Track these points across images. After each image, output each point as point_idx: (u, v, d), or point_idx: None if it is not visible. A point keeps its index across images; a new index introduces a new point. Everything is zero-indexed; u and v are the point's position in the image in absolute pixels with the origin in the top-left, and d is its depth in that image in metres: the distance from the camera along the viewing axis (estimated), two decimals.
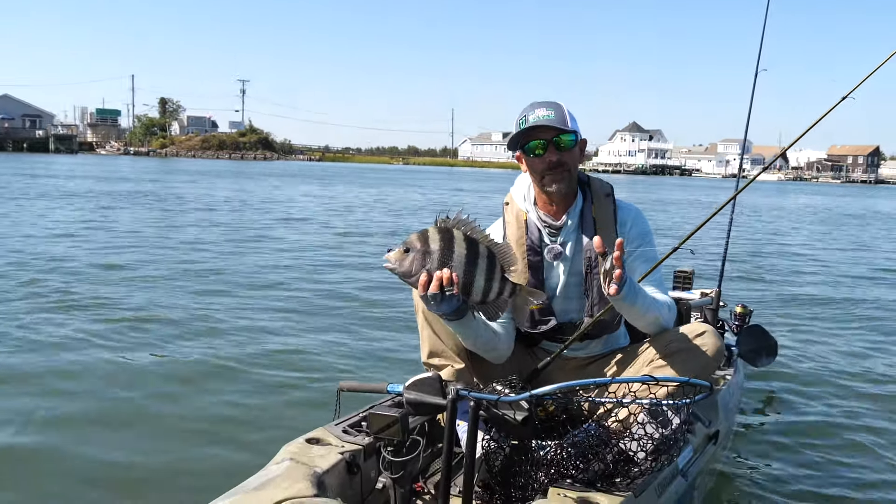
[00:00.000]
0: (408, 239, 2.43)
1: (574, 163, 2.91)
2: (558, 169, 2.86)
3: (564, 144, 2.85)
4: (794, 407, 4.91)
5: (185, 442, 4.14)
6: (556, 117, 2.81)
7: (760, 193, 48.62)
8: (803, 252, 14.76)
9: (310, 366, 5.60)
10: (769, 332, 4.48)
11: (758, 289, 9.76)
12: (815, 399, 5.08)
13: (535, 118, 2.83)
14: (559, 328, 3.01)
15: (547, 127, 2.81)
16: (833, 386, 5.38)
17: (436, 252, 2.41)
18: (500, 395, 2.33)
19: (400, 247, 2.43)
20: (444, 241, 2.41)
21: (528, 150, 2.88)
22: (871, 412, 4.83)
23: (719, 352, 2.78)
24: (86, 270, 9.45)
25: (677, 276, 5.13)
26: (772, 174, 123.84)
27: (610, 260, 2.46)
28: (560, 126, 2.82)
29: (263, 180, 41.25)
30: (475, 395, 2.37)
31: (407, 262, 2.41)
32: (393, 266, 2.43)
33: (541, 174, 2.89)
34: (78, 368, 5.33)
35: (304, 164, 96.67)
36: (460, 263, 2.42)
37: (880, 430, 4.52)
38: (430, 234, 2.42)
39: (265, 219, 18.40)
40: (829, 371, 5.76)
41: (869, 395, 5.20)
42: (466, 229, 2.46)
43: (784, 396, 5.14)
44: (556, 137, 2.83)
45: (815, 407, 4.92)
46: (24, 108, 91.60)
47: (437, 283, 2.39)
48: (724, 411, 3.49)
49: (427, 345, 2.95)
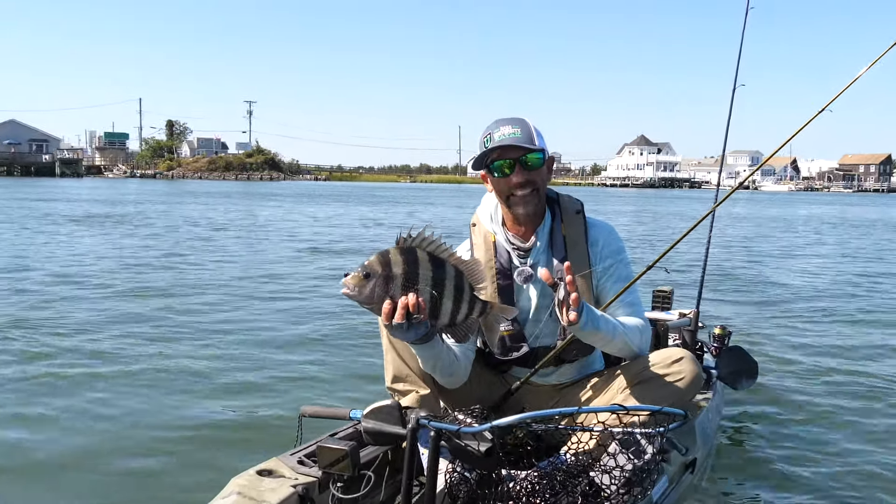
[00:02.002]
0: (367, 262, 2.21)
1: (542, 182, 2.81)
2: (526, 188, 2.75)
3: (532, 163, 2.74)
4: (776, 430, 4.74)
5: (129, 474, 3.93)
6: (522, 135, 2.70)
7: (763, 205, 48.32)
8: (790, 267, 14.45)
9: (273, 388, 5.41)
10: (749, 353, 4.35)
11: (745, 307, 9.51)
12: (798, 422, 4.91)
13: (500, 137, 2.71)
14: (531, 354, 2.89)
15: (513, 146, 2.71)
16: (816, 408, 5.21)
17: (399, 276, 2.20)
18: (461, 426, 2.19)
19: (359, 271, 2.20)
20: (408, 263, 2.21)
21: (494, 169, 2.77)
22: (856, 435, 4.67)
23: (696, 378, 2.66)
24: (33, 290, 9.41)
25: (656, 295, 4.99)
26: (782, 185, 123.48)
27: (563, 287, 2.35)
28: (527, 145, 2.71)
29: (254, 200, 41.41)
30: (436, 424, 2.25)
31: (367, 289, 2.19)
32: (352, 293, 2.19)
33: (507, 195, 2.79)
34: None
35: (310, 183, 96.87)
36: (426, 287, 2.23)
37: (866, 453, 4.36)
38: (392, 257, 2.21)
39: (232, 237, 18.43)
40: (812, 392, 5.59)
41: (854, 418, 5.02)
42: (431, 248, 2.27)
43: (765, 419, 4.98)
44: (522, 157, 2.72)
45: (798, 430, 4.76)
46: (31, 133, 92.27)
47: (402, 311, 2.20)
48: (702, 437, 3.35)
49: (391, 369, 2.84)
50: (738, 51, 4.53)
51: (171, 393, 5.27)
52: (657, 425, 2.29)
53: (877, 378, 5.98)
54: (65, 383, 5.46)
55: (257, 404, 5.07)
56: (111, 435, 4.49)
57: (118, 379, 5.57)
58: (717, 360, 4.31)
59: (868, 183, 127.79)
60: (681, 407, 2.66)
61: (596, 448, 2.41)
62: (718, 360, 4.32)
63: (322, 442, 2.33)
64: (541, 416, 2.18)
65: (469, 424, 2.21)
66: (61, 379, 5.55)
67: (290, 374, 5.83)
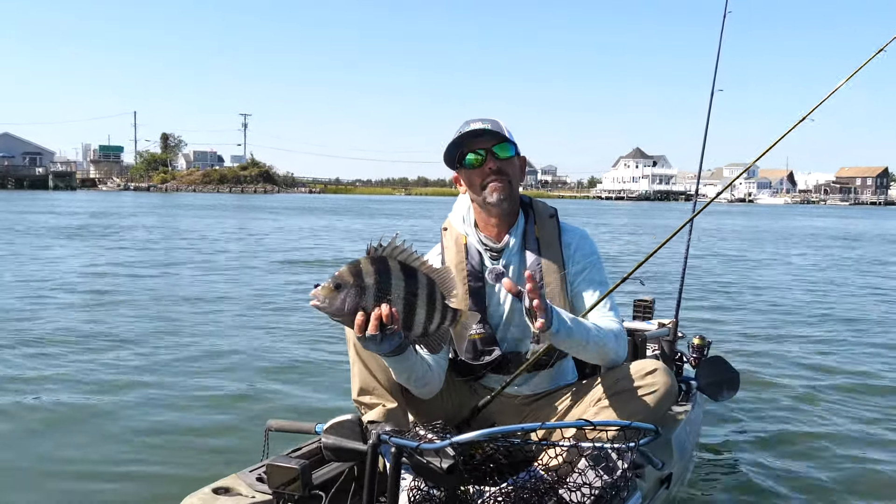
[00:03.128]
0: (338, 273, 2.13)
1: (514, 176, 2.77)
2: (499, 176, 2.71)
3: (504, 155, 2.72)
4: (757, 443, 4.66)
5: (80, 490, 3.82)
6: (493, 128, 2.70)
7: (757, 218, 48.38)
8: (774, 278, 14.43)
9: (241, 401, 5.31)
10: (730, 364, 4.26)
11: (727, 318, 9.45)
12: (780, 435, 4.83)
13: (471, 129, 2.70)
14: (504, 359, 2.82)
15: (485, 139, 2.69)
16: (799, 420, 5.13)
17: (371, 287, 2.13)
18: (421, 442, 2.09)
19: (329, 282, 2.12)
20: (380, 273, 2.14)
21: (467, 163, 2.75)
22: (841, 447, 4.60)
23: (670, 390, 2.58)
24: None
25: (637, 305, 4.89)
26: (778, 198, 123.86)
27: (526, 296, 2.27)
28: (498, 133, 2.70)
29: (242, 212, 41.46)
30: (396, 440, 2.16)
31: (338, 301, 2.11)
32: (322, 305, 2.11)
33: (481, 185, 2.74)
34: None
35: (304, 196, 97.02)
36: (399, 297, 2.17)
37: (850, 466, 4.29)
38: (364, 267, 2.14)
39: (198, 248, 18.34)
40: (796, 404, 5.51)
41: (838, 430, 4.95)
42: (402, 257, 2.21)
43: (746, 432, 4.89)
44: (495, 146, 2.70)
45: (780, 443, 4.68)
46: (25, 146, 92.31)
47: (375, 322, 2.14)
48: (680, 451, 3.26)
49: (357, 381, 2.75)
50: (716, 55, 4.48)
51: (132, 406, 5.16)
52: (627, 440, 2.20)
53: (862, 389, 5.94)
54: (20, 385, 5.41)
55: (224, 418, 4.97)
56: (65, 446, 4.41)
57: (69, 388, 5.50)
58: (697, 371, 4.22)
59: (865, 196, 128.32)
60: (654, 420, 2.58)
61: (566, 464, 2.33)
62: (698, 370, 4.22)
63: (273, 460, 2.23)
64: (503, 431, 2.09)
65: (430, 440, 2.12)
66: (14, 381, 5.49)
67: (260, 386, 5.73)
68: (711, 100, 4.57)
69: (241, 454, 3.95)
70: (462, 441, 2.04)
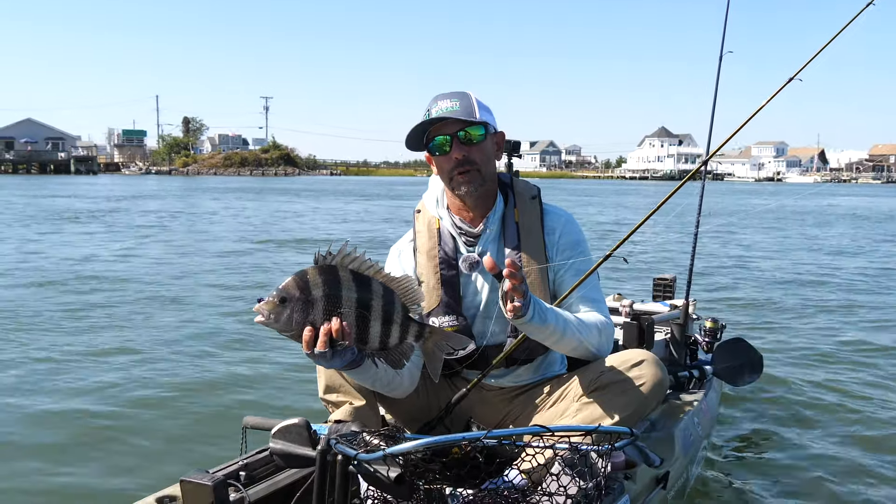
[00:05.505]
0: (282, 286, 1.95)
1: (485, 160, 2.54)
2: (465, 166, 2.49)
3: (472, 139, 2.48)
4: (781, 435, 4.35)
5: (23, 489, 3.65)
6: (461, 109, 2.47)
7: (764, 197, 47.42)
8: (796, 259, 14.02)
9: (221, 394, 5.12)
10: (752, 345, 3.97)
11: (747, 299, 9.11)
12: (802, 424, 4.52)
13: (437, 111, 2.48)
14: (481, 354, 2.60)
15: (451, 121, 2.46)
16: (825, 408, 4.81)
17: (319, 300, 1.95)
18: (359, 451, 1.88)
19: (273, 296, 1.94)
20: (328, 284, 1.96)
21: (433, 148, 2.53)
22: (866, 445, 4.24)
23: (659, 383, 2.36)
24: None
25: (657, 283, 4.66)
26: (808, 176, 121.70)
27: (506, 280, 2.08)
28: (465, 118, 2.45)
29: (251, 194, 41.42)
30: (340, 448, 1.94)
31: (284, 317, 1.93)
32: (267, 321, 1.94)
33: (449, 174, 2.53)
34: None
35: (324, 178, 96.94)
36: (350, 309, 1.98)
37: (876, 465, 3.95)
38: (311, 278, 1.96)
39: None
40: (821, 391, 5.17)
41: (864, 425, 4.60)
42: (353, 265, 2.00)
43: (768, 421, 4.57)
44: (460, 131, 2.47)
45: (802, 434, 4.36)
46: (48, 132, 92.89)
47: (324, 338, 1.96)
48: (683, 446, 3.00)
49: (323, 378, 2.55)
50: (724, 18, 4.23)
51: (105, 397, 4.99)
52: (604, 443, 1.96)
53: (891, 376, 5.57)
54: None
55: (200, 411, 4.81)
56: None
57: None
58: (713, 355, 3.95)
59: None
60: (641, 416, 2.39)
61: (541, 466, 2.10)
62: (714, 353, 3.96)
63: (186, 476, 2.01)
64: (443, 441, 1.85)
65: (376, 446, 1.89)
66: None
67: (240, 379, 5.53)
68: (720, 63, 4.32)
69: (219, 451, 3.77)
70: (397, 452, 1.82)
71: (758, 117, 3.65)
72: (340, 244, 2.01)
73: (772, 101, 3.00)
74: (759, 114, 3.67)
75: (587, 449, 1.92)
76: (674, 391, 3.59)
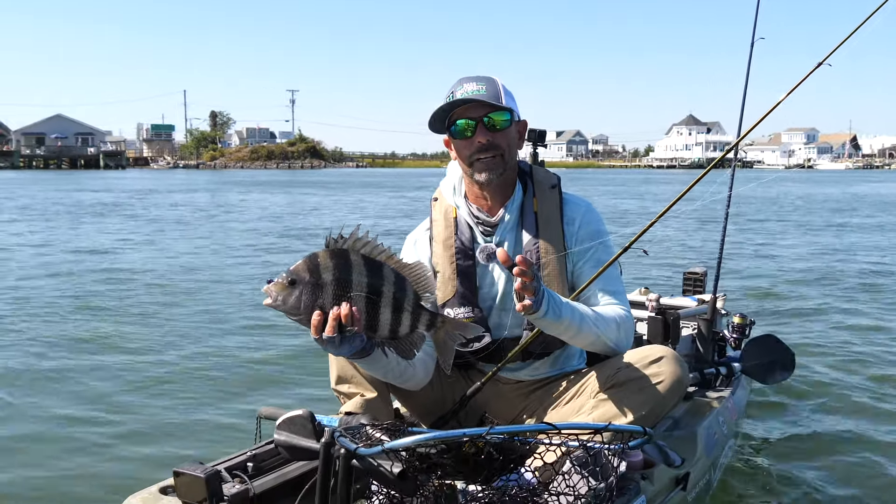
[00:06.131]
0: (292, 268, 1.91)
1: (509, 147, 2.48)
2: (489, 153, 2.42)
3: (496, 124, 2.41)
4: (814, 435, 4.17)
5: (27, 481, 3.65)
6: (487, 93, 2.39)
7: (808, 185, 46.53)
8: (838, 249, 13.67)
9: (238, 386, 5.06)
10: (783, 342, 3.84)
11: (786, 292, 8.84)
12: (839, 423, 4.31)
13: (462, 94, 2.39)
14: (497, 347, 2.54)
15: (476, 105, 2.39)
16: (865, 410, 4.59)
17: (329, 283, 1.90)
18: (359, 445, 1.83)
19: (283, 277, 1.90)
20: (339, 268, 1.91)
21: (455, 131, 2.46)
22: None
23: (677, 382, 2.28)
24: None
25: (687, 277, 4.52)
26: (839, 163, 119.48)
27: (518, 279, 2.02)
28: (492, 102, 2.37)
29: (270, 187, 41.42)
30: (343, 441, 1.88)
31: (293, 299, 1.89)
32: (275, 303, 1.89)
33: (469, 159, 2.46)
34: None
35: (349, 170, 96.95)
36: (361, 294, 1.93)
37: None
38: (321, 261, 1.91)
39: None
40: (859, 392, 4.93)
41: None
42: (366, 250, 1.95)
43: (803, 422, 4.38)
44: (486, 116, 2.41)
45: (838, 433, 4.17)
46: (77, 127, 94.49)
47: (333, 323, 1.91)
48: (706, 446, 2.90)
49: (335, 368, 2.51)
50: (755, 3, 4.04)
51: (118, 388, 5.00)
52: (617, 442, 1.89)
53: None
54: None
55: (220, 402, 4.77)
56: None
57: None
58: (742, 351, 3.84)
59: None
60: (660, 414, 2.30)
61: (552, 465, 2.02)
62: (744, 350, 3.84)
63: (180, 467, 1.96)
64: (443, 437, 1.79)
65: (378, 441, 1.83)
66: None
67: (257, 371, 5.49)
68: (752, 49, 4.15)
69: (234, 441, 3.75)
70: (396, 447, 1.76)
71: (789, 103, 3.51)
72: (353, 228, 1.95)
73: (802, 86, 2.88)
74: (790, 100, 3.53)
75: (598, 447, 1.84)
76: (700, 388, 3.49)
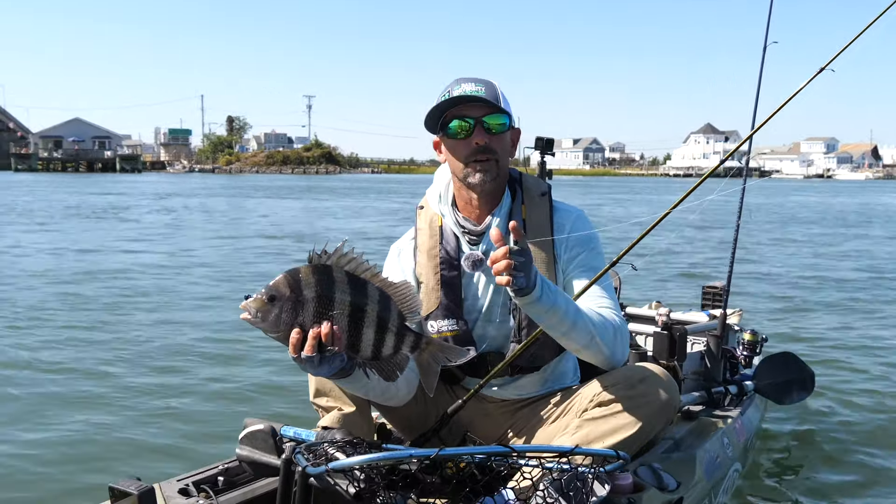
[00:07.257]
0: (272, 283, 1.82)
1: (504, 152, 2.38)
2: (485, 155, 2.31)
3: (493, 127, 2.32)
4: (831, 460, 3.97)
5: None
6: (486, 93, 2.30)
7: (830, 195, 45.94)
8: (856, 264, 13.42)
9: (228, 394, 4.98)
10: (801, 360, 3.67)
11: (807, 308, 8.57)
12: (857, 447, 4.12)
13: (460, 92, 2.30)
14: (482, 360, 2.42)
15: (474, 105, 2.30)
16: (883, 431, 4.39)
17: (310, 300, 1.82)
18: (308, 465, 1.76)
19: (262, 293, 1.81)
20: (321, 284, 1.83)
21: (451, 132, 2.34)
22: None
23: (666, 403, 2.18)
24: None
25: (706, 292, 4.28)
26: (859, 173, 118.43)
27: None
28: (492, 101, 2.29)
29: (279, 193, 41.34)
30: (300, 458, 1.80)
31: (272, 316, 1.80)
32: (253, 319, 1.81)
33: (464, 161, 2.34)
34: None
35: (365, 176, 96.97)
36: (343, 313, 1.84)
37: None
38: (303, 277, 1.82)
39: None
40: (884, 415, 4.70)
41: None
42: (350, 266, 1.86)
43: (816, 444, 4.19)
44: (484, 116, 2.31)
45: (857, 457, 3.98)
46: (94, 131, 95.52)
47: (312, 342, 1.82)
48: (707, 469, 2.73)
49: (313, 382, 2.41)
50: (768, 6, 3.96)
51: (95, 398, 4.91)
52: (596, 465, 1.77)
53: None
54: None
55: (201, 410, 4.70)
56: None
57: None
58: (756, 370, 3.67)
59: None
60: (644, 438, 2.16)
61: (533, 486, 1.92)
62: (758, 369, 3.67)
63: (117, 483, 1.86)
64: (389, 458, 1.68)
65: (332, 458, 1.73)
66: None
67: (245, 380, 5.39)
68: (764, 53, 4.03)
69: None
70: (342, 467, 1.68)
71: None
72: (338, 243, 1.86)
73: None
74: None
75: (571, 470, 1.71)
76: (707, 408, 3.33)
